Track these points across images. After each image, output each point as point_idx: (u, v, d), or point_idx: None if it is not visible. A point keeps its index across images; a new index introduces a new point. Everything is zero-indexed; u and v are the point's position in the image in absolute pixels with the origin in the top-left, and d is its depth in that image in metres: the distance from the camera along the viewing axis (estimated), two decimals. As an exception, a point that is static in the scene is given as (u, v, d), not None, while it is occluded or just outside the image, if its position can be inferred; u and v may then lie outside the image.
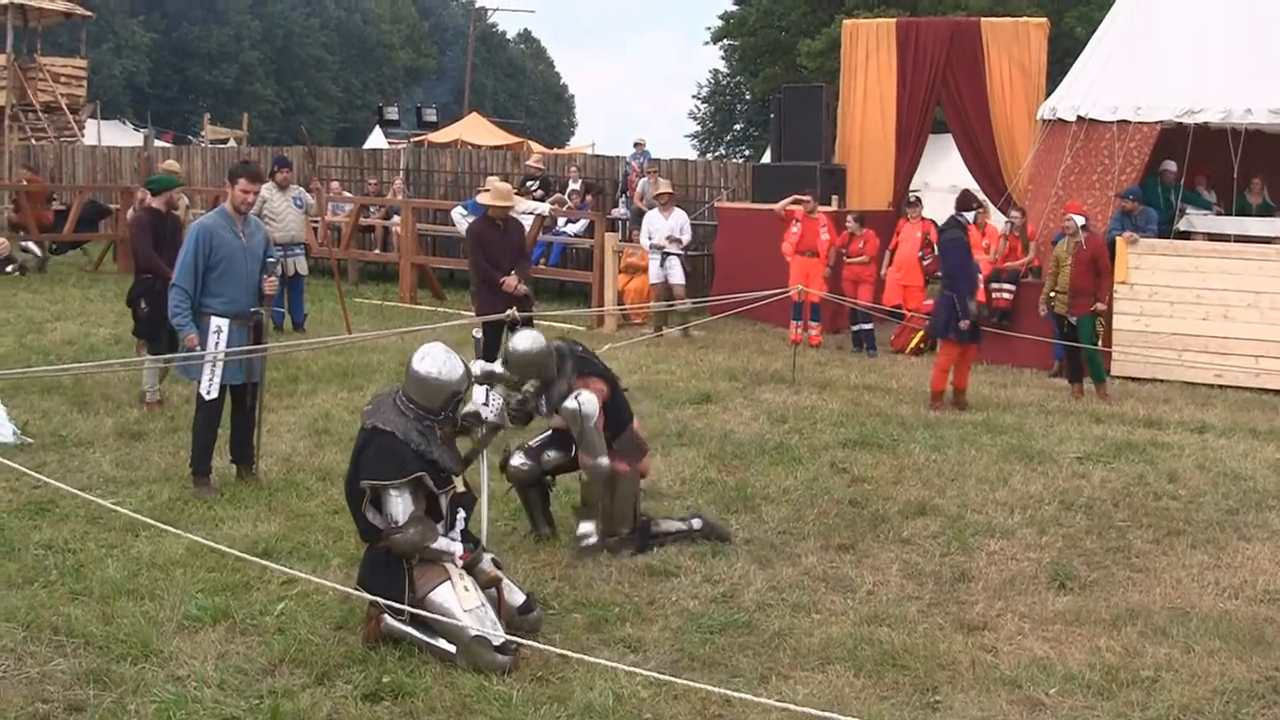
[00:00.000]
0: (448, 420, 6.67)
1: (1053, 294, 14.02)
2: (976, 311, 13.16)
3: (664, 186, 18.85)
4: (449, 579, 6.31)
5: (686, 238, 18.22)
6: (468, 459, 7.06)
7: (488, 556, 6.58)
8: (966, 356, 13.36)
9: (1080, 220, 13.95)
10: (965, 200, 13.64)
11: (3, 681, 5.79)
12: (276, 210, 16.24)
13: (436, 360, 6.57)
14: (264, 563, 6.47)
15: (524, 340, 7.74)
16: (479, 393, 6.68)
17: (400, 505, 6.26)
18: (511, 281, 12.31)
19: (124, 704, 5.62)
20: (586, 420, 7.72)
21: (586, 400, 7.74)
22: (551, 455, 8.23)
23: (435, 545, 6.33)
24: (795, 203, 17.20)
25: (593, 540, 7.88)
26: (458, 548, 6.41)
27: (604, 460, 7.78)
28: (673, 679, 5.64)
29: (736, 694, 5.49)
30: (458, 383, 6.58)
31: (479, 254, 12.59)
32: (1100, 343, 14.17)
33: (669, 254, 17.97)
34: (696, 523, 8.26)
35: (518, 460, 8.22)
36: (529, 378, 7.71)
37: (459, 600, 6.23)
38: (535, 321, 13.23)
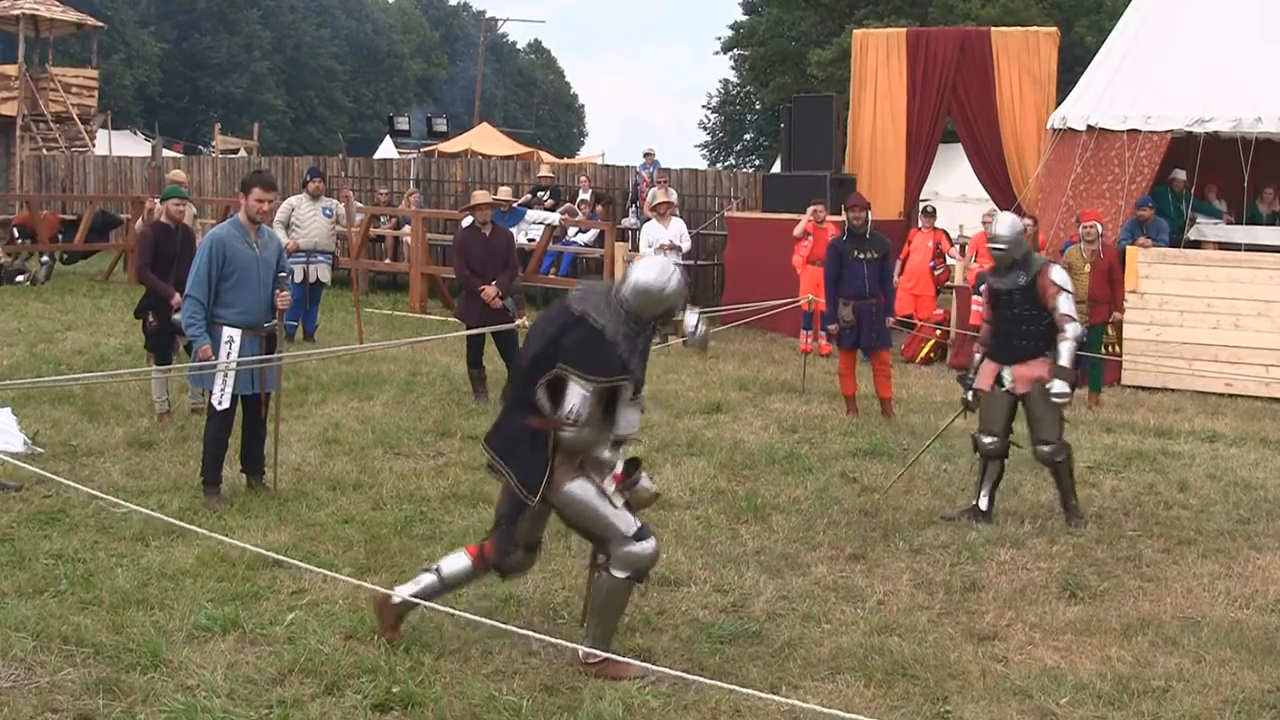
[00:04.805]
0: (654, 333, 6.55)
1: None
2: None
3: (661, 196, 18.77)
4: (585, 475, 6.28)
5: (686, 245, 18.21)
6: None
7: (644, 475, 6.45)
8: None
9: (1099, 228, 13.97)
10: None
11: (13, 691, 5.79)
12: (303, 218, 16.57)
13: (664, 271, 6.37)
14: (280, 558, 6.46)
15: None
16: (690, 316, 6.59)
17: (583, 400, 6.10)
18: (490, 291, 12.77)
19: (133, 713, 5.62)
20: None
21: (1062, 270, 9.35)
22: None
23: (600, 454, 6.26)
24: (815, 214, 17.04)
25: (1068, 393, 9.17)
26: (617, 465, 6.32)
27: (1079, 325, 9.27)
28: (684, 675, 5.63)
29: (746, 690, 5.48)
30: (675, 297, 6.36)
31: (460, 261, 13.12)
32: (1108, 351, 14.13)
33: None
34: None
35: (987, 440, 9.35)
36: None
37: (608, 497, 6.27)
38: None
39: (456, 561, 6.52)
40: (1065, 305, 9.13)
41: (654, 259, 6.60)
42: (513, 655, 6.32)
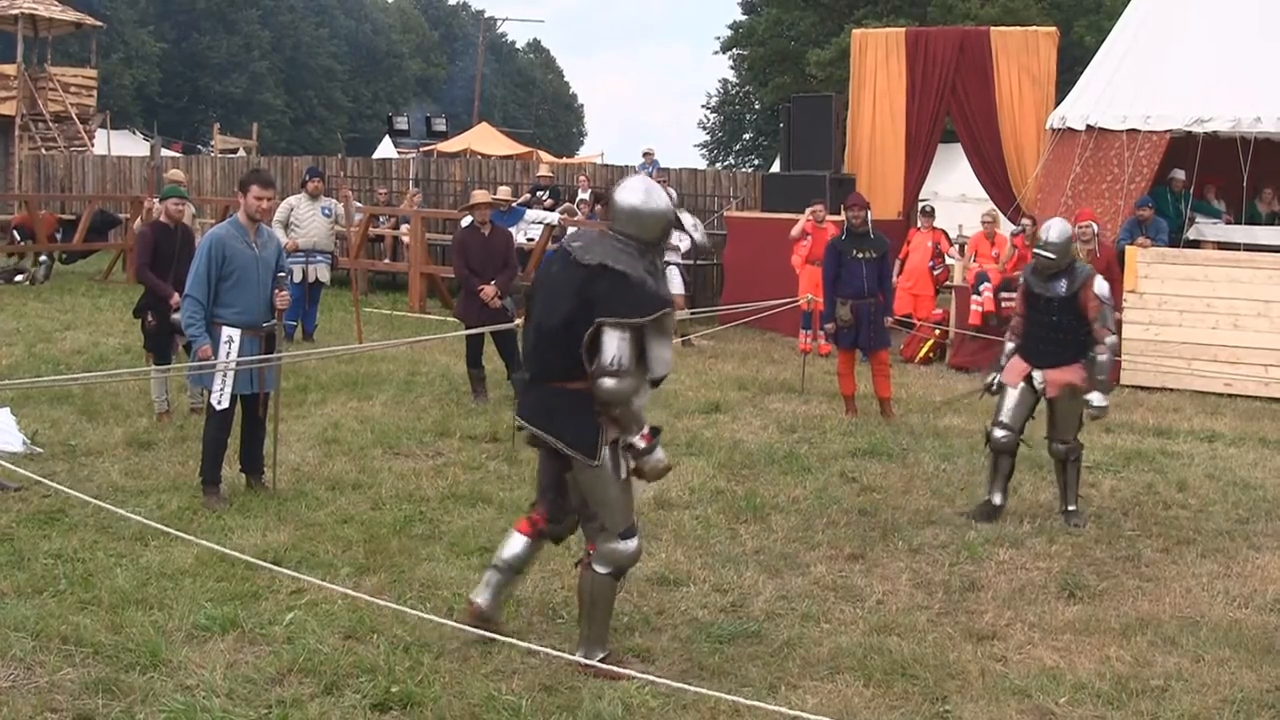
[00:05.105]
0: (662, 253, 6.39)
1: None
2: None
3: None
4: (615, 446, 6.18)
5: (684, 245, 18.17)
6: None
7: (660, 449, 6.29)
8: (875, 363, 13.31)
9: (1095, 228, 14.00)
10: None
11: (12, 691, 5.79)
12: (302, 218, 16.69)
13: (648, 190, 6.24)
14: (274, 568, 6.46)
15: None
16: (686, 217, 6.43)
17: (620, 343, 5.94)
18: (489, 291, 12.84)
19: (133, 713, 5.62)
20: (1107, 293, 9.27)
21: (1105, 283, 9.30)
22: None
23: (637, 406, 6.11)
24: (814, 214, 16.97)
25: (1105, 406, 9.33)
26: (646, 425, 6.18)
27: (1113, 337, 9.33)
28: (684, 686, 5.63)
29: (745, 701, 5.48)
30: (668, 210, 6.23)
31: (460, 261, 13.18)
32: None
33: (667, 263, 17.96)
34: None
35: (1000, 434, 9.40)
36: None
37: (621, 477, 6.20)
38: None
39: (515, 545, 6.57)
40: (1106, 319, 9.26)
41: (631, 181, 6.39)
42: (512, 655, 6.31)
